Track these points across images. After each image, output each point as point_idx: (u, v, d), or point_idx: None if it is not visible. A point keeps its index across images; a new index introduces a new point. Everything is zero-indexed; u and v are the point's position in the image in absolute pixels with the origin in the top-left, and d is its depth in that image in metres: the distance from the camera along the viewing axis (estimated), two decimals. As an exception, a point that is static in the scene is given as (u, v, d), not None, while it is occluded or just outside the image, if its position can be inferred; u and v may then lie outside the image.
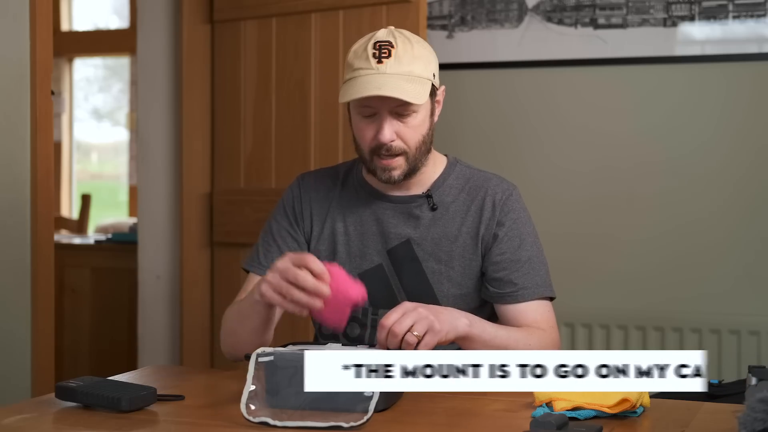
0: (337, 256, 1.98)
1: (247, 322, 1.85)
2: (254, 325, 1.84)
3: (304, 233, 2.01)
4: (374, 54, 1.84)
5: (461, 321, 1.74)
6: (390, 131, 1.85)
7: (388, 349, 1.65)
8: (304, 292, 1.64)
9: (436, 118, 1.95)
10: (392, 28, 1.91)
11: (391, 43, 1.85)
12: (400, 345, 1.64)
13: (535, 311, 1.90)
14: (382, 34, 1.88)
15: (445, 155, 2.03)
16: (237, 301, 1.97)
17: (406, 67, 1.84)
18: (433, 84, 1.89)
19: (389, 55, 1.84)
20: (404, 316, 1.65)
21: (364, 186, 2.01)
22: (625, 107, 3.23)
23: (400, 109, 1.85)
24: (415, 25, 2.89)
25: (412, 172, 1.91)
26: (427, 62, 1.88)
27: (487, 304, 1.96)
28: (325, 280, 1.64)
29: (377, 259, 1.96)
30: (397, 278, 1.95)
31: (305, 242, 2.01)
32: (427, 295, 1.92)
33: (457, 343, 1.80)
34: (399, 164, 1.89)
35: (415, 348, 1.64)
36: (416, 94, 1.83)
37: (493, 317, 1.98)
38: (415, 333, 1.64)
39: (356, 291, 1.66)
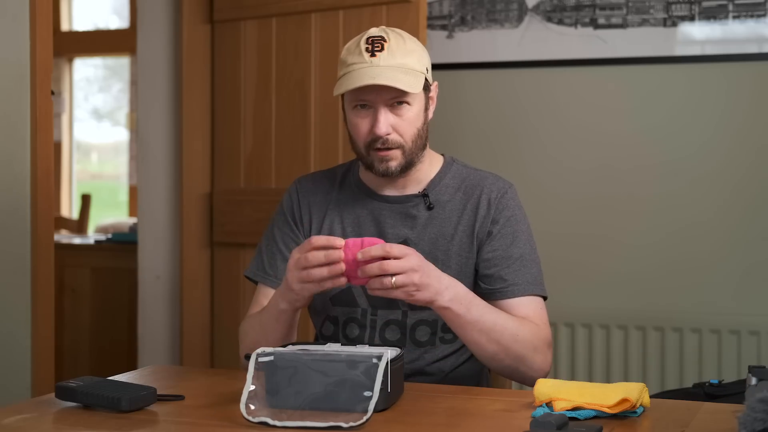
0: (336, 256, 1.98)
1: (271, 334, 1.86)
2: (279, 335, 1.86)
3: (304, 236, 2.01)
4: (367, 48, 1.86)
5: (445, 293, 1.74)
6: (386, 124, 1.86)
7: (365, 270, 1.67)
8: (323, 267, 1.68)
9: (430, 115, 1.96)
10: (384, 26, 1.93)
11: (383, 37, 1.87)
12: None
13: (526, 307, 1.89)
14: (374, 31, 1.90)
15: (442, 155, 2.04)
16: (252, 315, 1.97)
17: (400, 60, 1.85)
18: (426, 79, 1.90)
19: (382, 49, 1.85)
20: (405, 258, 1.67)
21: (361, 187, 2.01)
22: (625, 107, 3.23)
23: (394, 101, 1.85)
24: (415, 25, 2.89)
25: (408, 166, 1.92)
26: (420, 57, 1.89)
27: (485, 303, 1.96)
28: (336, 245, 1.67)
29: (376, 259, 1.96)
30: (395, 278, 1.95)
31: (307, 245, 2.01)
32: (425, 295, 1.92)
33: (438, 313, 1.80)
34: (395, 156, 1.89)
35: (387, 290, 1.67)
36: (411, 83, 1.84)
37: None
38: (393, 280, 1.66)
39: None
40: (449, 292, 1.75)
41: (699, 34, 3.14)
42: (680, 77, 3.17)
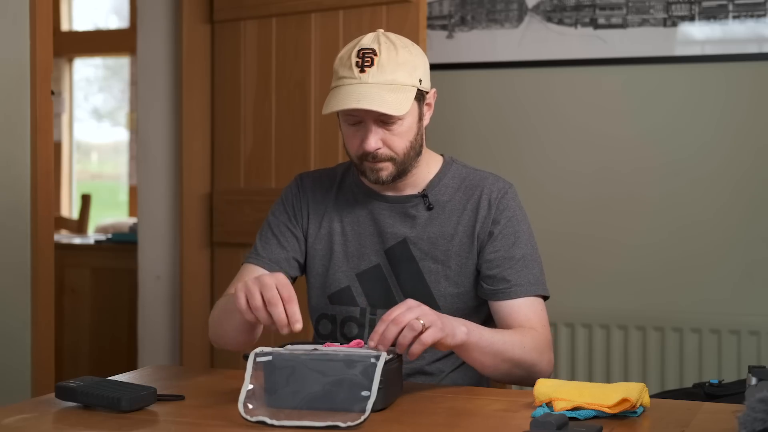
0: (334, 256, 1.98)
1: (231, 319, 1.83)
2: (237, 323, 1.81)
3: (302, 230, 2.01)
4: (357, 63, 1.84)
5: (460, 329, 1.71)
6: (375, 140, 1.85)
7: (383, 342, 1.61)
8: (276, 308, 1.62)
9: (427, 122, 1.95)
10: (380, 32, 1.91)
11: (374, 50, 1.84)
12: (398, 337, 1.61)
13: (527, 308, 1.89)
14: (367, 41, 1.87)
15: (441, 155, 2.03)
16: (227, 294, 1.96)
17: (389, 76, 1.83)
18: (421, 89, 1.88)
19: (372, 64, 1.83)
20: (409, 310, 1.63)
21: (360, 186, 2.01)
22: (625, 107, 3.22)
23: (384, 117, 1.85)
24: (415, 25, 2.89)
25: (401, 174, 1.91)
26: (413, 68, 1.87)
27: (484, 303, 1.96)
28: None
29: (375, 259, 1.96)
30: (394, 278, 1.95)
31: (303, 238, 2.01)
32: (424, 295, 1.92)
33: (454, 351, 1.77)
34: (386, 167, 1.89)
35: (415, 338, 1.61)
36: (397, 104, 1.82)
37: (491, 316, 1.97)
38: (422, 321, 1.61)
39: None
40: (459, 323, 1.72)
41: (699, 34, 3.14)
42: (680, 77, 3.17)
